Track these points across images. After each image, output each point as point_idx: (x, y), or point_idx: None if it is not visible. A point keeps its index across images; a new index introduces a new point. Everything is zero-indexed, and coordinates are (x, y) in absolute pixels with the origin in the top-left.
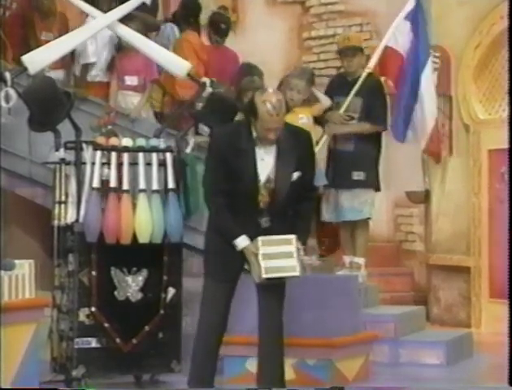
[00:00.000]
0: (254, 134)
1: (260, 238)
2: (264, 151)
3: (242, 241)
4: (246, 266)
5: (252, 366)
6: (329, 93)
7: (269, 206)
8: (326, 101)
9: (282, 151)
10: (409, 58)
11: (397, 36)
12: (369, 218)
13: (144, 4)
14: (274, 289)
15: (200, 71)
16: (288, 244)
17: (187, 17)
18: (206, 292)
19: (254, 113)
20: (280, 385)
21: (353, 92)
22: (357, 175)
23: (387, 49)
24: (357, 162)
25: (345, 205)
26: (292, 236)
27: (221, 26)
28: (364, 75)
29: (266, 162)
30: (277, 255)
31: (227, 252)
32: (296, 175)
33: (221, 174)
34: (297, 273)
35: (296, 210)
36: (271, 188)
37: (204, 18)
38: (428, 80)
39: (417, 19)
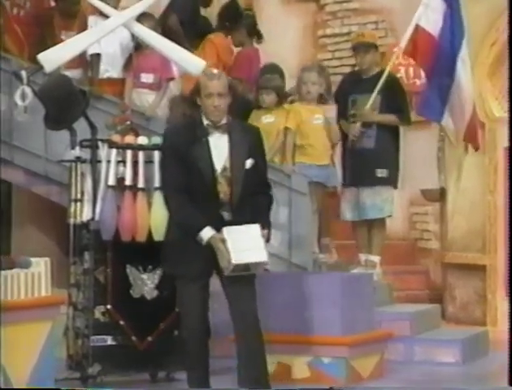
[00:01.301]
0: (205, 122)
1: (225, 228)
2: (217, 138)
3: (207, 232)
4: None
5: None
6: (343, 91)
7: (229, 198)
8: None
9: (234, 139)
10: (442, 38)
11: (429, 14)
12: (389, 216)
13: None
14: (244, 282)
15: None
16: (253, 232)
17: (222, 20)
18: (179, 295)
19: (198, 89)
20: (264, 384)
21: (376, 89)
22: (381, 173)
23: (418, 28)
24: (380, 159)
25: (367, 203)
26: (256, 225)
27: (249, 28)
28: (387, 71)
29: (219, 150)
30: (244, 242)
31: (193, 249)
32: (249, 162)
33: (177, 169)
34: (264, 259)
35: (254, 205)
36: (228, 177)
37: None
38: (465, 63)
39: None
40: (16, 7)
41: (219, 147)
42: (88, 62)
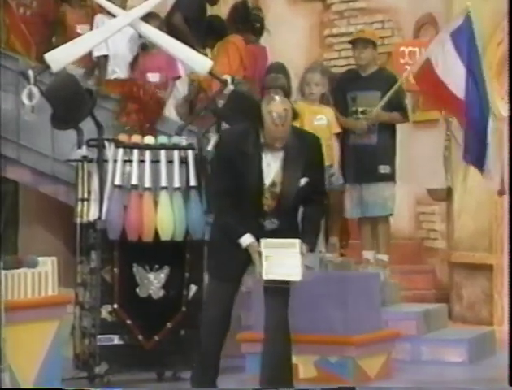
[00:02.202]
0: (262, 140)
1: (263, 241)
2: (271, 156)
3: (247, 239)
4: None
5: None
6: (341, 88)
7: (274, 209)
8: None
9: (289, 157)
10: (470, 102)
11: (438, 51)
12: (391, 214)
13: None
14: (278, 288)
15: (241, 73)
16: (292, 247)
17: (234, 21)
18: (209, 292)
19: (261, 121)
20: (288, 385)
21: (390, 92)
22: (384, 169)
23: (428, 61)
24: (382, 155)
25: (370, 200)
26: (297, 241)
27: (256, 25)
28: (405, 74)
29: (272, 167)
30: (280, 258)
31: (231, 251)
32: (303, 180)
33: (226, 175)
34: (298, 278)
35: (305, 214)
36: (275, 192)
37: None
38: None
39: (462, 41)
40: (23, 7)
41: (272, 164)
42: (94, 62)
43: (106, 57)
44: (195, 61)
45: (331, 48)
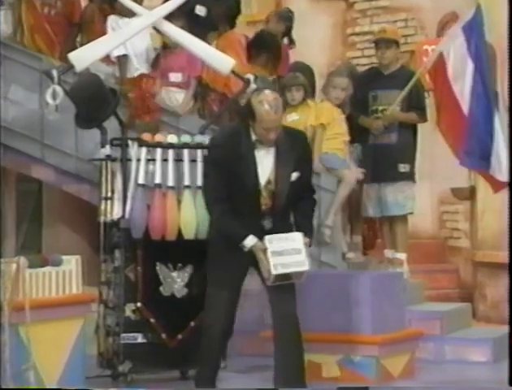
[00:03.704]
0: (253, 137)
1: (267, 237)
2: (263, 153)
3: (250, 240)
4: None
5: None
6: (362, 86)
7: (271, 208)
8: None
9: (281, 152)
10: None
11: (450, 45)
12: (411, 213)
13: None
14: (285, 286)
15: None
16: (295, 240)
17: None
18: (209, 299)
19: (252, 115)
20: (301, 385)
21: (405, 91)
22: (404, 168)
23: (441, 56)
24: (402, 154)
25: (389, 200)
26: (298, 233)
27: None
28: (421, 70)
29: (265, 165)
30: (285, 252)
31: (231, 257)
32: (294, 175)
33: (221, 179)
34: (306, 267)
35: (297, 210)
36: (271, 190)
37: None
38: (502, 118)
39: (471, 34)
40: (47, 6)
41: (265, 161)
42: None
43: (125, 56)
44: (217, 60)
45: (354, 46)
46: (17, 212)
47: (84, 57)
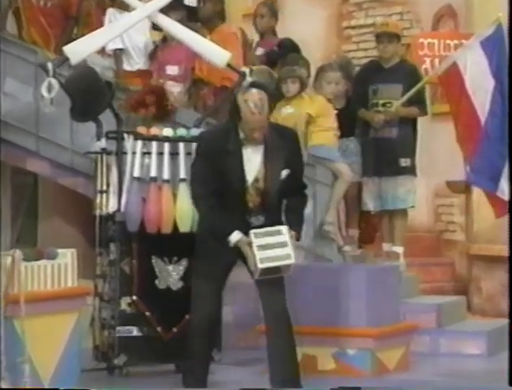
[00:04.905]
0: (241, 135)
1: (252, 231)
2: (251, 151)
3: (235, 236)
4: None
5: None
6: (363, 79)
7: (259, 206)
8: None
9: (270, 150)
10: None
11: (466, 57)
12: (412, 207)
13: None
14: (273, 281)
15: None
16: (281, 234)
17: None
18: (194, 291)
19: (238, 113)
20: (295, 384)
21: (412, 91)
22: (405, 162)
23: (455, 65)
24: (403, 148)
25: (391, 194)
26: (284, 227)
27: None
28: (431, 74)
29: (253, 163)
30: (271, 245)
31: (216, 252)
32: (285, 173)
33: (208, 175)
34: (291, 261)
35: (288, 206)
36: (259, 188)
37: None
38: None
39: (492, 51)
40: None
41: (253, 159)
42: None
43: (121, 50)
44: (213, 53)
45: (350, 40)
46: (12, 205)
47: (80, 50)
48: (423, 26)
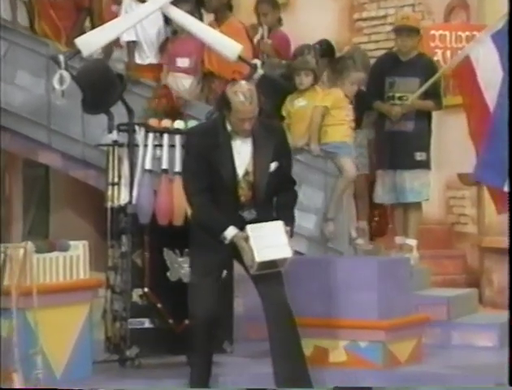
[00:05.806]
0: (229, 128)
1: (248, 226)
2: (240, 144)
3: (231, 231)
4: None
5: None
6: (379, 71)
7: (251, 200)
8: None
9: (258, 143)
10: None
11: (479, 50)
12: (427, 200)
13: None
14: (271, 276)
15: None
16: (277, 228)
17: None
18: (191, 287)
19: (227, 105)
20: (303, 382)
21: (427, 84)
22: (420, 156)
23: (467, 59)
24: (418, 142)
25: (406, 187)
26: (279, 221)
27: None
28: (445, 67)
29: (242, 155)
30: (268, 239)
31: (212, 248)
32: (274, 165)
33: (200, 171)
34: (289, 254)
35: (278, 202)
36: (249, 182)
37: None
38: None
39: (503, 44)
40: None
41: (242, 152)
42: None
43: (134, 42)
44: (224, 45)
45: (361, 32)
46: (24, 197)
47: (91, 42)
48: (434, 18)
